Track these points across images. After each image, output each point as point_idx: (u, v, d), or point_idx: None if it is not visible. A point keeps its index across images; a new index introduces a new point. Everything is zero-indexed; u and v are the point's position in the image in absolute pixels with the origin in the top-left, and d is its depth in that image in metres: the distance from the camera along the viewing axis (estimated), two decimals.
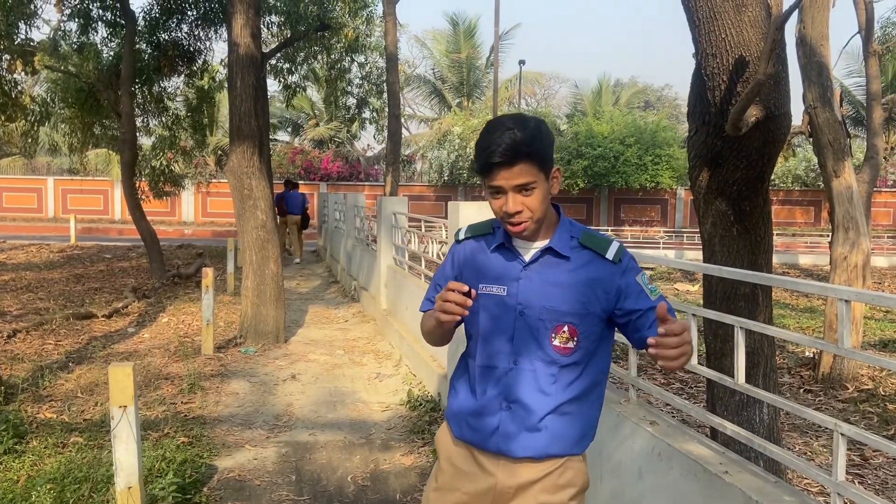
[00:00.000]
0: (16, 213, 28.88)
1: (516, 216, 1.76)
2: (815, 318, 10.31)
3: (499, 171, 1.73)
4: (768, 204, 3.98)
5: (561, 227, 1.86)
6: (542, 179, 1.76)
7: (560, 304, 1.79)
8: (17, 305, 9.66)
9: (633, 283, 1.82)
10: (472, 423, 1.89)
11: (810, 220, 30.51)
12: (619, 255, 1.82)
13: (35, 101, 14.09)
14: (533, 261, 1.83)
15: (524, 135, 1.72)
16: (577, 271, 1.81)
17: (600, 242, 1.83)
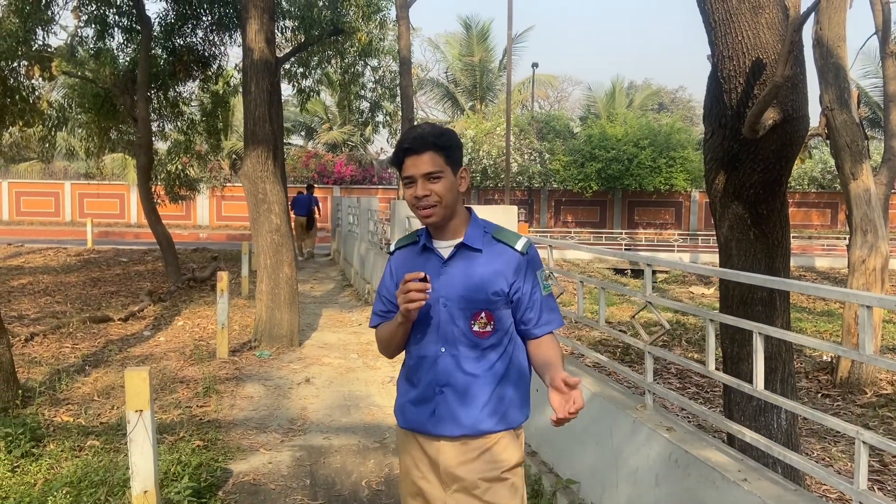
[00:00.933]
0: (33, 217, 29.19)
1: (424, 199, 1.97)
2: (833, 321, 10.20)
3: (410, 159, 1.97)
4: (786, 207, 3.95)
5: (473, 224, 2.07)
6: (450, 172, 1.99)
7: (476, 294, 2.00)
8: (35, 309, 9.75)
9: (530, 274, 2.04)
10: (412, 410, 2.09)
11: (827, 223, 30.21)
12: (526, 248, 2.04)
13: (52, 106, 14.24)
14: (450, 257, 2.04)
15: (433, 130, 2.00)
16: (490, 262, 2.01)
17: (511, 236, 2.06)
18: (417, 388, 2.08)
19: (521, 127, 29.29)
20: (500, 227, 2.10)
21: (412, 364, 2.11)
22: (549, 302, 2.08)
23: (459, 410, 2.02)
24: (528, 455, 4.09)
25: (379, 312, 2.19)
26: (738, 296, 3.90)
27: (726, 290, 3.99)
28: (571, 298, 10.89)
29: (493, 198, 29.47)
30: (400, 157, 2.01)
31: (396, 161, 2.03)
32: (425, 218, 2.02)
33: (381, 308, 2.19)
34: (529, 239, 2.07)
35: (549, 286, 2.09)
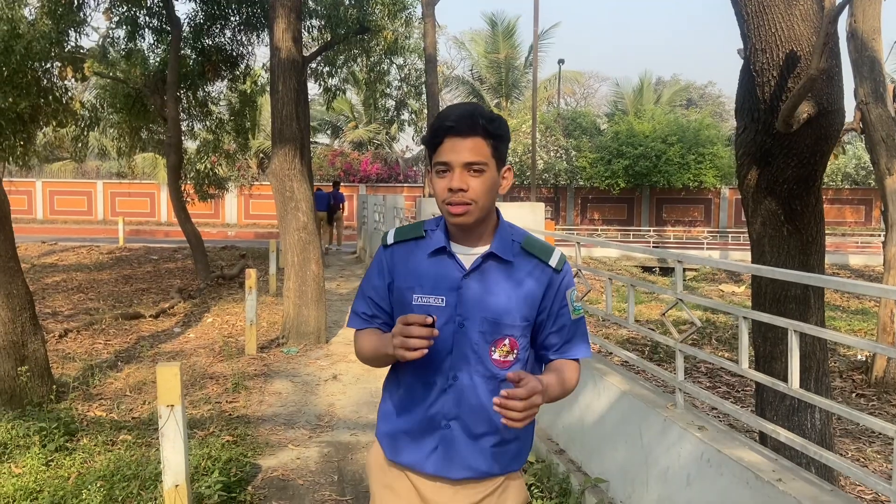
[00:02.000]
0: (66, 215, 29.74)
1: (459, 194, 1.62)
2: (867, 320, 10.00)
3: (450, 142, 1.62)
4: (820, 202, 3.87)
5: (501, 230, 1.73)
6: (494, 166, 1.65)
7: (502, 316, 1.68)
8: (69, 305, 9.94)
9: (562, 295, 1.73)
10: (409, 445, 1.76)
11: (861, 220, 29.62)
12: (561, 264, 1.73)
13: (85, 106, 14.49)
14: (474, 268, 1.69)
15: (483, 111, 1.65)
16: (520, 279, 1.70)
17: (543, 248, 1.74)
18: (417, 419, 1.74)
19: (548, 124, 29.14)
20: (529, 234, 1.78)
21: (411, 389, 1.75)
22: (579, 327, 1.77)
23: (468, 449, 1.72)
24: (555, 453, 4.07)
25: (362, 315, 1.83)
26: (770, 293, 3.83)
27: (759, 288, 3.92)
28: (599, 297, 10.81)
29: (518, 195, 29.37)
30: (438, 137, 1.63)
31: (432, 141, 1.65)
32: (455, 216, 1.65)
33: (365, 311, 1.82)
34: (563, 253, 1.77)
35: (580, 309, 1.77)
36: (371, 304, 1.81)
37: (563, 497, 3.66)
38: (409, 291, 1.72)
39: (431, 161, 1.68)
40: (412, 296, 1.71)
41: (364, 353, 1.80)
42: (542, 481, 3.88)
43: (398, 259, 1.77)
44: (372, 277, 1.82)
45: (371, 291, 1.81)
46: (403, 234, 1.79)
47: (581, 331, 1.77)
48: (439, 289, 1.69)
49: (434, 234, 1.74)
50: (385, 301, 1.79)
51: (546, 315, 1.72)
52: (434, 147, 1.65)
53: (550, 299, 1.72)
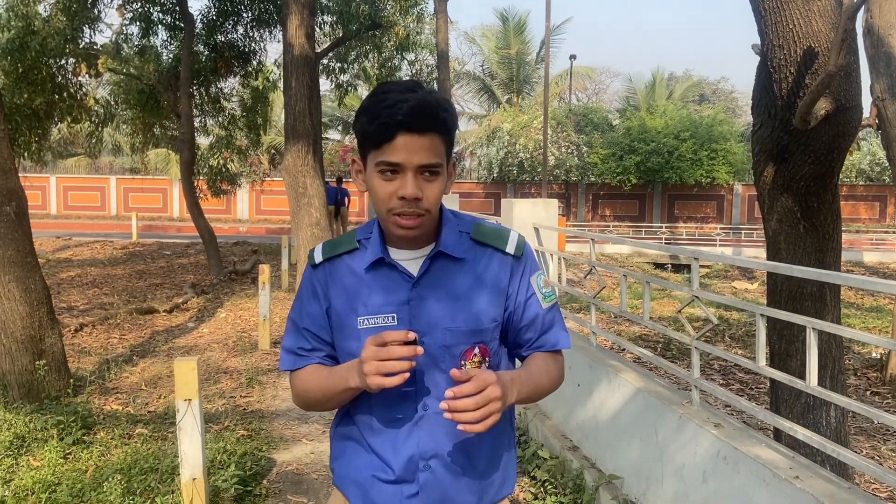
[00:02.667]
0: (80, 211, 29.98)
1: (413, 204, 1.37)
2: (882, 317, 9.93)
3: (403, 139, 1.33)
4: (837, 200, 3.85)
5: (446, 223, 1.49)
6: (445, 165, 1.41)
7: (465, 322, 1.44)
8: (84, 300, 10.03)
9: (527, 283, 1.51)
10: (382, 492, 1.48)
11: (875, 217, 29.38)
12: (520, 249, 1.50)
13: (99, 102, 14.61)
14: (422, 273, 1.45)
15: (437, 99, 1.37)
16: (478, 275, 1.47)
17: (497, 234, 1.50)
18: (387, 464, 1.47)
19: (559, 120, 29.07)
20: (478, 221, 1.54)
21: (374, 430, 1.49)
22: (552, 315, 1.54)
23: (453, 488, 1.47)
24: (569, 450, 4.07)
25: (297, 351, 1.54)
26: (786, 290, 3.81)
27: (774, 285, 3.90)
28: (611, 293, 10.80)
29: (529, 191, 29.33)
30: (389, 132, 1.34)
31: (377, 134, 1.35)
32: (406, 229, 1.40)
33: (303, 346, 1.53)
34: (520, 235, 1.54)
35: (550, 295, 1.55)
36: (308, 336, 1.53)
37: (577, 493, 3.66)
38: (350, 314, 1.46)
39: (365, 155, 1.41)
40: (356, 319, 1.46)
41: (308, 394, 1.51)
42: (556, 477, 3.88)
43: (332, 278, 1.50)
44: (304, 304, 1.53)
45: (306, 321, 1.52)
46: (333, 249, 1.53)
47: (556, 319, 1.54)
48: (387, 305, 1.45)
49: (369, 241, 1.49)
50: (325, 330, 1.51)
51: (513, 308, 1.49)
52: (379, 142, 1.36)
53: (515, 290, 1.49)
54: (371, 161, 1.39)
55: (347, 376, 1.41)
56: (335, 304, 1.49)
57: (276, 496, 3.92)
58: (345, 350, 1.49)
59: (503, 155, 28.80)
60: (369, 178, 1.41)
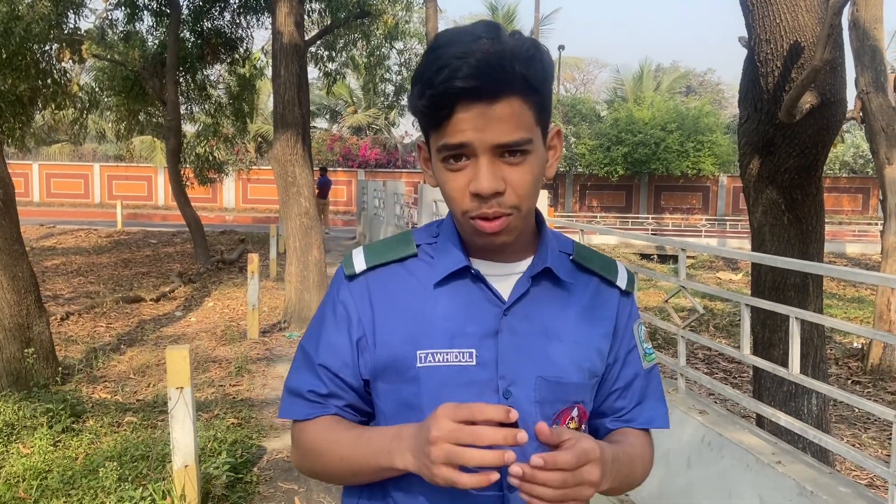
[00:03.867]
0: (63, 198, 29.68)
1: (493, 201, 0.96)
2: (864, 308, 10.09)
3: (465, 112, 0.93)
4: (821, 192, 3.92)
5: (546, 233, 1.10)
6: (540, 140, 0.98)
7: (568, 372, 1.03)
8: (69, 289, 9.97)
9: (630, 332, 1.12)
10: None
11: (858, 208, 29.71)
12: (631, 284, 1.15)
13: (83, 89, 14.45)
14: (519, 296, 1.04)
15: (515, 44, 0.93)
16: (582, 309, 1.07)
17: (604, 262, 1.13)
18: None
19: None
20: (576, 241, 1.15)
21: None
22: (652, 380, 1.14)
23: None
24: None
25: (308, 395, 1.08)
26: (770, 281, 3.88)
27: (758, 276, 3.97)
28: None
29: None
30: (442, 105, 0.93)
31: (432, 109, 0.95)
32: (491, 235, 0.99)
33: (316, 389, 1.08)
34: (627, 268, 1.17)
35: (652, 352, 1.16)
36: (326, 376, 1.07)
37: None
38: (405, 347, 1.03)
39: (427, 136, 1.01)
40: (414, 354, 1.02)
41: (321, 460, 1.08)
42: None
43: (378, 295, 1.07)
44: (324, 331, 1.09)
45: (325, 355, 1.08)
46: (381, 255, 1.08)
47: (653, 386, 1.14)
48: (464, 337, 1.02)
49: (436, 248, 1.07)
50: (350, 370, 1.07)
51: (612, 362, 1.10)
52: (437, 120, 0.95)
53: (619, 339, 1.11)
54: (433, 145, 0.99)
55: (392, 451, 0.98)
56: (381, 333, 1.05)
57: (266, 483, 3.96)
58: (393, 397, 1.05)
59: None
60: (435, 168, 1.01)
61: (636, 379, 1.12)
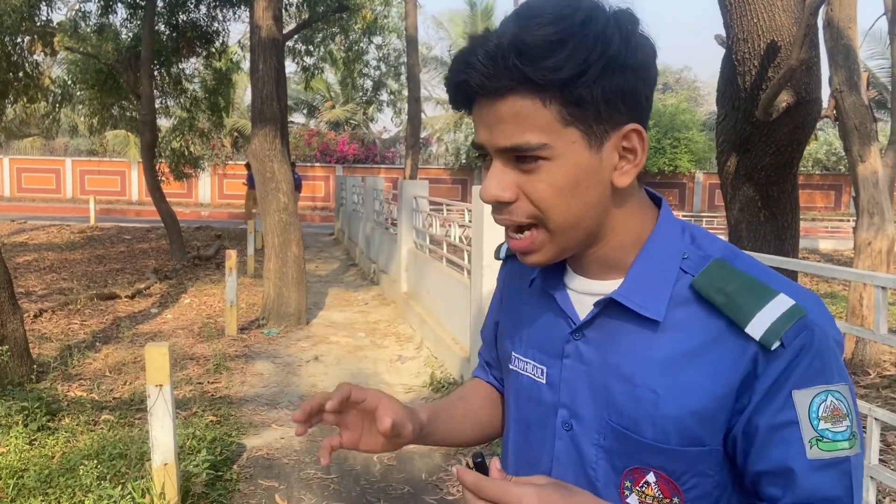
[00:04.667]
0: (34, 193, 29.17)
1: (503, 209, 0.87)
2: (836, 303, 10.27)
3: (477, 109, 0.86)
4: (796, 190, 3.98)
5: (652, 250, 0.89)
6: (576, 141, 0.82)
7: (638, 426, 0.85)
8: (42, 285, 9.81)
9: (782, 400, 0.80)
10: None
11: (831, 205, 30.22)
12: (776, 334, 0.79)
13: (55, 82, 14.22)
14: (587, 321, 0.91)
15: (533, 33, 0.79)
16: (678, 355, 0.84)
17: (745, 295, 0.82)
18: None
19: None
20: (730, 257, 0.87)
21: None
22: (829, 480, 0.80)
23: None
24: None
25: (480, 360, 1.20)
26: None
27: None
28: None
29: None
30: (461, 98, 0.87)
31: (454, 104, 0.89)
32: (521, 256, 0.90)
33: (484, 354, 1.19)
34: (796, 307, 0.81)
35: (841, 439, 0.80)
36: (487, 343, 1.17)
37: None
38: (509, 346, 1.02)
39: None
40: (511, 352, 1.01)
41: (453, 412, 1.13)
42: None
43: (510, 283, 1.08)
44: (491, 302, 1.16)
45: (484, 329, 1.17)
46: None
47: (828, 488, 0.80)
48: (541, 351, 0.96)
49: None
50: (491, 346, 1.15)
51: (741, 434, 0.83)
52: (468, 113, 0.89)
53: (752, 405, 0.82)
54: None
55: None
56: (503, 321, 1.07)
57: (247, 480, 3.94)
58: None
59: (471, 141, 28.75)
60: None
61: (788, 471, 0.80)
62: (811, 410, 0.80)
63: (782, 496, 0.81)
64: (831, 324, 0.83)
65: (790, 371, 0.80)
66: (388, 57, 17.67)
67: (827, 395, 0.80)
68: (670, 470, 0.85)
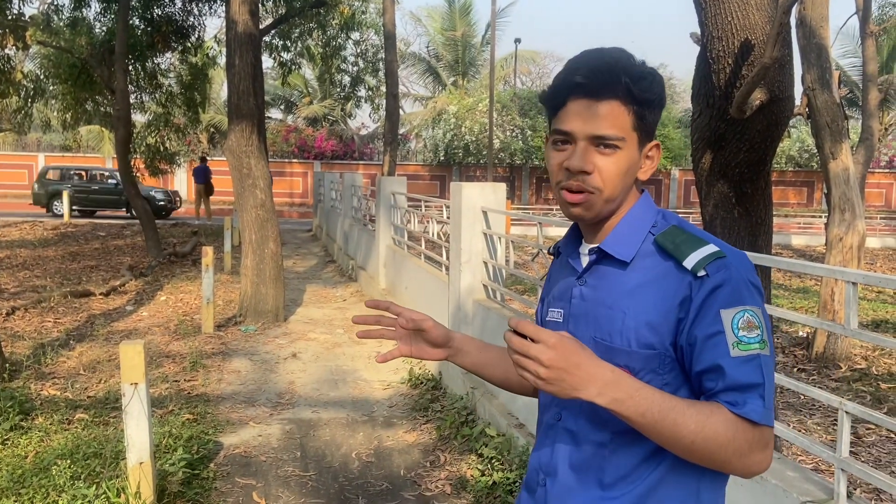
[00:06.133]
0: (6, 189, 28.66)
1: (580, 177, 1.20)
2: (809, 297, 10.43)
3: (576, 104, 1.19)
4: (769, 186, 4.03)
5: (630, 217, 1.27)
6: (634, 143, 1.21)
7: (612, 337, 1.21)
8: (14, 283, 9.65)
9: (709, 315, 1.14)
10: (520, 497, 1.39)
11: (803, 201, 30.67)
12: (700, 265, 1.15)
13: (27, 77, 13.96)
14: (586, 269, 1.29)
15: (630, 63, 1.21)
16: (638, 285, 1.21)
17: (681, 243, 1.19)
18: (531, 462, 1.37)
19: (504, 103, 29.22)
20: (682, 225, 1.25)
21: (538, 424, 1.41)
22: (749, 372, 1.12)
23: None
24: (515, 427, 4.18)
25: None
26: None
27: None
28: None
29: (474, 174, 29.47)
30: (560, 95, 1.22)
31: (552, 100, 1.24)
32: (570, 206, 1.24)
33: None
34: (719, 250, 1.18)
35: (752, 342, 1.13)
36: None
37: (522, 469, 3.78)
38: (547, 306, 1.39)
39: (550, 124, 1.27)
40: (548, 310, 1.38)
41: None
42: (503, 454, 3.99)
43: (552, 271, 1.44)
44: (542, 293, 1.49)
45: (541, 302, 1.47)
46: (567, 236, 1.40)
47: (752, 377, 1.12)
48: (559, 300, 1.34)
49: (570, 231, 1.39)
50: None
51: (685, 345, 1.17)
52: (554, 108, 1.23)
53: (688, 321, 1.16)
54: (551, 129, 1.25)
55: None
56: (547, 293, 1.42)
57: (224, 479, 3.91)
58: None
59: (449, 137, 28.80)
60: (546, 148, 1.28)
61: (718, 368, 1.13)
62: (733, 323, 1.14)
63: (715, 386, 1.13)
64: (749, 271, 1.19)
65: (716, 295, 1.14)
66: (366, 53, 17.57)
67: (744, 313, 1.15)
68: (632, 367, 1.18)
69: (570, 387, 1.10)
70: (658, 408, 1.10)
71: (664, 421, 1.10)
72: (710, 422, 1.11)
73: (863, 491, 3.91)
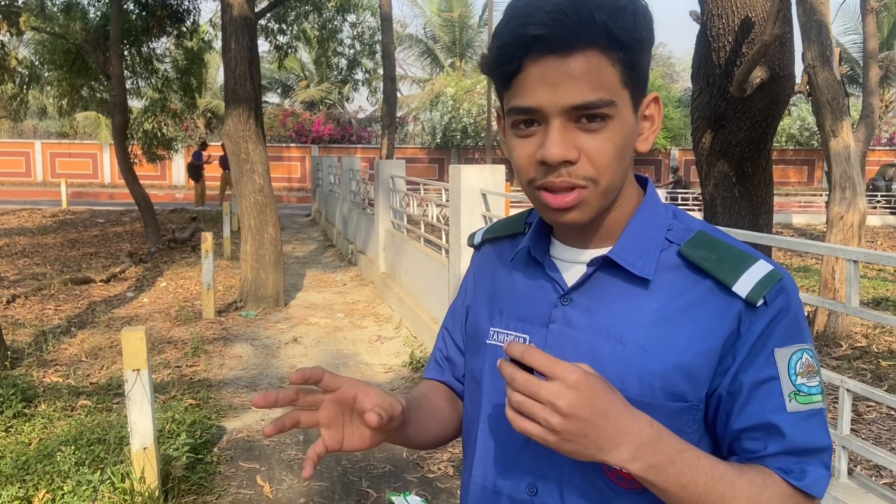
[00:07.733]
0: (3, 177, 28.58)
1: (562, 170, 0.84)
2: (809, 276, 10.44)
3: (536, 67, 0.82)
4: (770, 165, 4.03)
5: (639, 216, 0.93)
6: (627, 104, 0.85)
7: (623, 381, 0.86)
8: (14, 271, 9.65)
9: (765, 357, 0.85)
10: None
11: (804, 180, 30.61)
12: (758, 293, 0.84)
13: (22, 63, 13.88)
14: (578, 284, 0.92)
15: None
16: (669, 315, 0.87)
17: (729, 258, 0.87)
18: None
19: None
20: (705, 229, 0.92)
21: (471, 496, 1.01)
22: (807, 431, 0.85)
23: None
24: None
25: (437, 356, 1.15)
26: None
27: None
28: None
29: (473, 157, 29.38)
30: (513, 58, 0.83)
31: (502, 65, 0.84)
32: (555, 212, 0.87)
33: (442, 350, 1.14)
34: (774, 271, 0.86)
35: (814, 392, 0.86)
36: (445, 338, 1.14)
37: None
38: (485, 323, 1.01)
39: (502, 103, 0.89)
40: (488, 328, 1.00)
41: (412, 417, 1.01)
42: None
43: (483, 267, 1.08)
44: (456, 297, 1.15)
45: (448, 318, 1.14)
46: (499, 229, 1.08)
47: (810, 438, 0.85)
48: (522, 320, 0.96)
49: (529, 230, 1.01)
50: (461, 333, 1.11)
51: (726, 392, 0.87)
52: (505, 78, 0.85)
53: (736, 363, 0.86)
54: (505, 108, 0.89)
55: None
56: (474, 304, 1.06)
57: (227, 463, 3.94)
58: (468, 369, 1.06)
59: (447, 120, 28.68)
60: (506, 135, 0.90)
61: (776, 424, 0.84)
62: (790, 367, 0.85)
63: (764, 449, 0.85)
64: (797, 291, 0.90)
65: (772, 330, 0.85)
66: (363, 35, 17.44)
67: (803, 353, 0.86)
68: None
69: (593, 446, 0.77)
70: (704, 479, 0.80)
71: (710, 496, 0.80)
72: (763, 497, 0.82)
73: (863, 468, 3.94)
